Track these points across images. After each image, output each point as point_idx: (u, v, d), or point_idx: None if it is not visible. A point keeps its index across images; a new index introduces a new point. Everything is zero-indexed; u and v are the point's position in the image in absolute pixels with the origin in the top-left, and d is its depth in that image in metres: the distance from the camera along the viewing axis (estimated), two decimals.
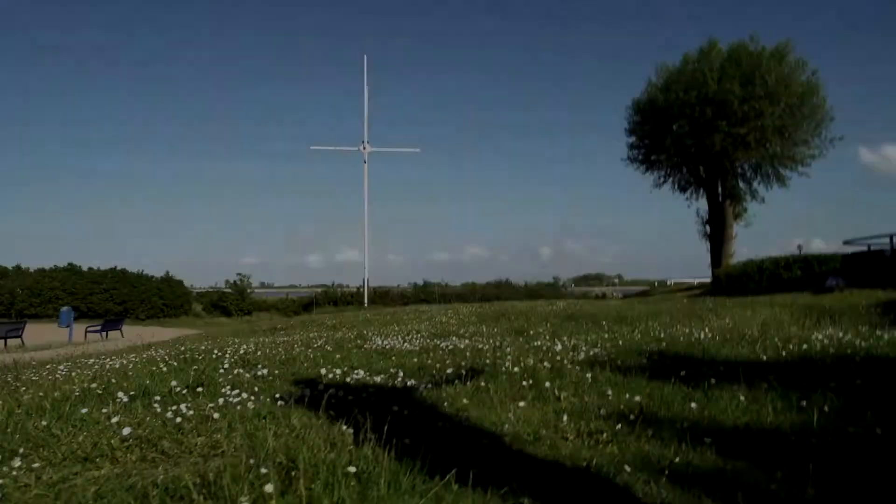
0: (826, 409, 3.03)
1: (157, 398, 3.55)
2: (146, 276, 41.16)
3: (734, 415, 3.04)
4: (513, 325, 8.64)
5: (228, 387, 3.93)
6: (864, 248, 22.14)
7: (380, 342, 6.91)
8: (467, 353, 5.50)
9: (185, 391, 3.83)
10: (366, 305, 39.14)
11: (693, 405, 3.14)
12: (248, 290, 45.20)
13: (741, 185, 35.02)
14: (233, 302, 42.71)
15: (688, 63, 32.63)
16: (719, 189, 34.43)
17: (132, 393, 3.77)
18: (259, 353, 6.12)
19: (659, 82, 33.97)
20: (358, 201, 42.75)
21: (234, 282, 44.59)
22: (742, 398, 3.28)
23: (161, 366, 5.21)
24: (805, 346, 5.17)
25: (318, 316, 22.31)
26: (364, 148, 41.90)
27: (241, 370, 4.72)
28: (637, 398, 3.25)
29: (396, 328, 9.63)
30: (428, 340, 6.98)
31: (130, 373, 4.85)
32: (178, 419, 2.98)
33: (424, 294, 42.93)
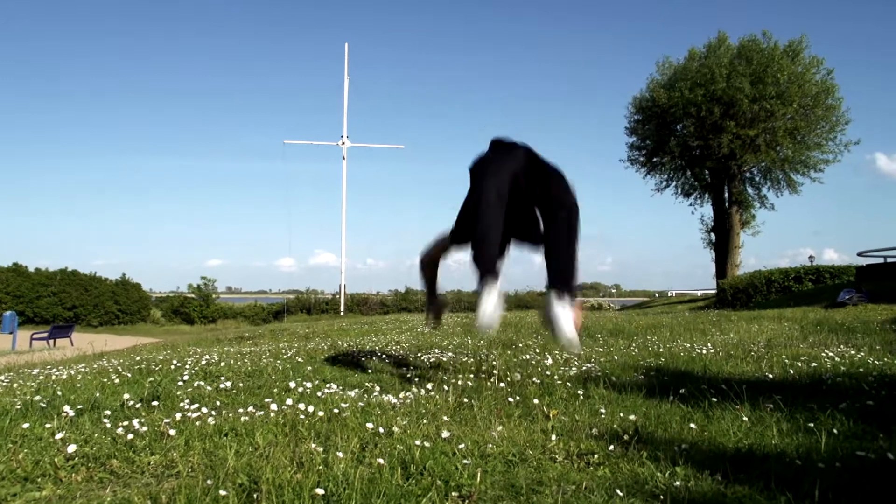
0: (835, 431, 3.07)
1: (108, 412, 3.52)
2: (100, 279, 40.73)
3: (736, 436, 3.06)
4: (500, 338, 8.66)
5: (187, 400, 3.90)
6: (881, 261, 22.43)
7: (355, 353, 6.89)
8: (449, 367, 5.50)
9: (138, 405, 3.79)
10: (342, 313, 39.07)
11: (693, 425, 3.16)
12: (213, 296, 45.01)
13: (749, 190, 35.37)
14: (196, 308, 42.47)
15: (694, 58, 32.99)
16: (726, 194, 34.76)
17: (80, 406, 3.73)
18: (223, 364, 6.07)
19: (662, 79, 34.27)
20: (335, 201, 42.89)
21: (198, 286, 44.38)
22: (745, 419, 3.31)
23: (113, 377, 5.15)
24: (814, 365, 5.22)
25: (290, 324, 22.19)
26: (343, 142, 41.91)
27: (202, 382, 4.68)
28: (632, 417, 3.27)
29: (374, 339, 9.60)
30: (408, 353, 6.97)
31: (79, 384, 4.79)
32: (130, 436, 2.95)
33: (406, 302, 42.96)
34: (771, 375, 4.78)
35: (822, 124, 30.98)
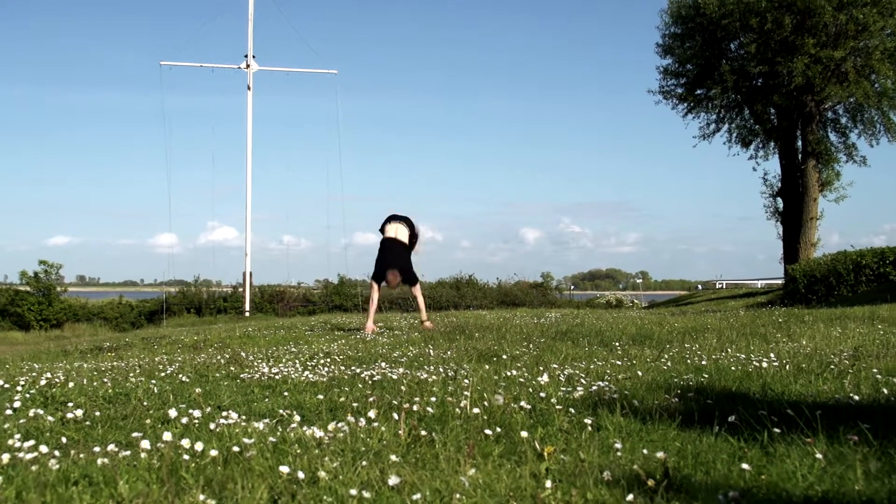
0: None
1: None
2: None
3: (807, 480, 3.13)
4: (476, 347, 8.69)
5: (19, 436, 3.85)
6: None
7: (266, 370, 6.87)
8: (402, 388, 5.51)
9: None
10: (247, 313, 38.82)
11: (746, 466, 3.22)
12: (58, 289, 44.34)
13: (832, 137, 35.84)
14: (32, 307, 41.75)
15: None
16: (799, 143, 35.12)
17: None
18: (72, 384, 6.00)
19: None
20: (237, 151, 42.40)
21: (35, 275, 43.56)
22: (819, 456, 3.38)
23: None
24: None
25: (171, 329, 21.98)
26: (248, 66, 41.31)
27: (40, 411, 4.63)
28: (660, 455, 3.31)
29: (294, 349, 9.56)
30: (342, 368, 6.96)
31: None
32: None
33: (340, 297, 42.80)
34: (857, 397, 4.89)
35: None
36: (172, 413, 4.43)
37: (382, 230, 12.93)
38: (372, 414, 4.31)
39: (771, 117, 35.21)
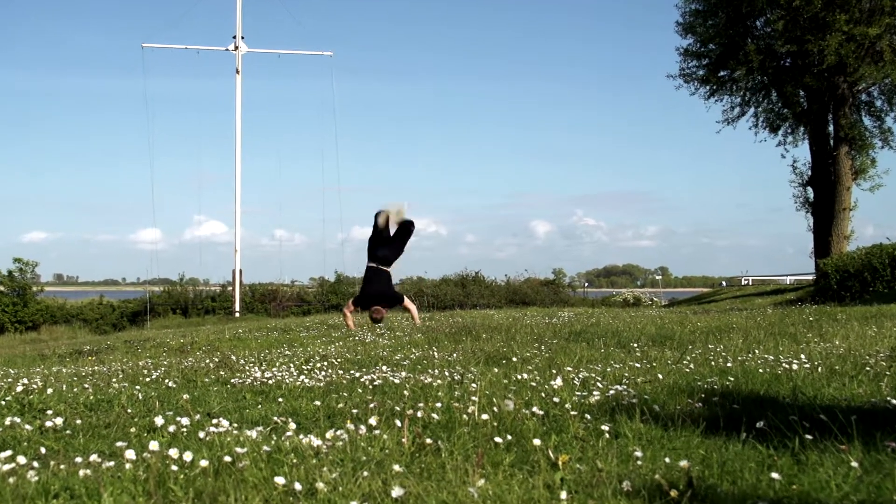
0: None
1: None
2: None
3: (841, 490, 3.13)
4: (483, 348, 8.71)
5: None
6: None
7: (258, 374, 6.89)
8: (405, 393, 5.52)
9: None
10: (237, 314, 38.87)
11: (775, 475, 3.23)
12: (35, 289, 44.46)
13: (867, 121, 35.64)
14: (6, 308, 41.85)
15: None
16: (831, 127, 34.98)
17: None
18: (51, 391, 6.03)
19: None
20: (226, 139, 42.38)
21: (9, 273, 43.69)
22: (855, 464, 3.39)
23: None
24: None
25: (156, 332, 22.02)
26: (236, 48, 41.31)
27: (17, 419, 4.65)
28: (684, 463, 3.32)
29: (289, 352, 9.57)
30: (340, 372, 6.98)
31: None
32: None
33: (337, 296, 42.79)
34: (895, 401, 4.89)
35: None
36: (159, 421, 4.44)
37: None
38: (373, 421, 4.32)
39: (800, 100, 35.08)
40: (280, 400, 5.58)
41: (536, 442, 3.77)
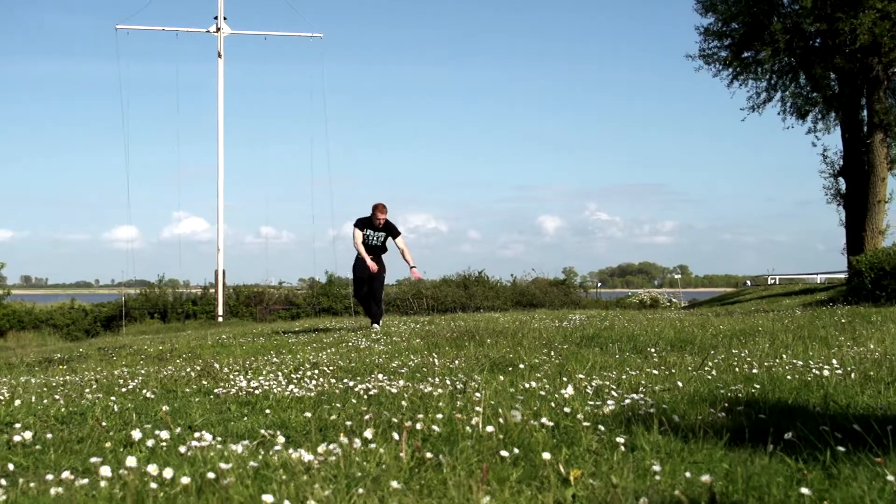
0: None
1: None
2: None
3: None
4: (488, 354, 8.71)
5: None
6: None
7: (244, 384, 6.89)
8: (403, 403, 5.53)
9: None
10: (220, 318, 38.87)
11: (805, 490, 3.23)
12: (0, 292, 44.47)
13: None
14: None
15: None
16: (864, 113, 34.92)
17: None
18: (19, 403, 6.04)
19: None
20: (207, 127, 42.38)
21: None
22: (891, 478, 3.39)
23: None
24: None
25: (133, 338, 22.02)
26: (218, 29, 41.27)
27: None
28: (706, 478, 3.33)
29: (276, 359, 9.58)
30: (332, 381, 6.98)
31: None
32: None
33: (329, 299, 42.80)
34: None
35: None
36: (136, 434, 4.45)
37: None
38: (368, 434, 4.32)
39: (831, 83, 35.00)
40: (267, 411, 5.58)
41: (546, 456, 3.77)
